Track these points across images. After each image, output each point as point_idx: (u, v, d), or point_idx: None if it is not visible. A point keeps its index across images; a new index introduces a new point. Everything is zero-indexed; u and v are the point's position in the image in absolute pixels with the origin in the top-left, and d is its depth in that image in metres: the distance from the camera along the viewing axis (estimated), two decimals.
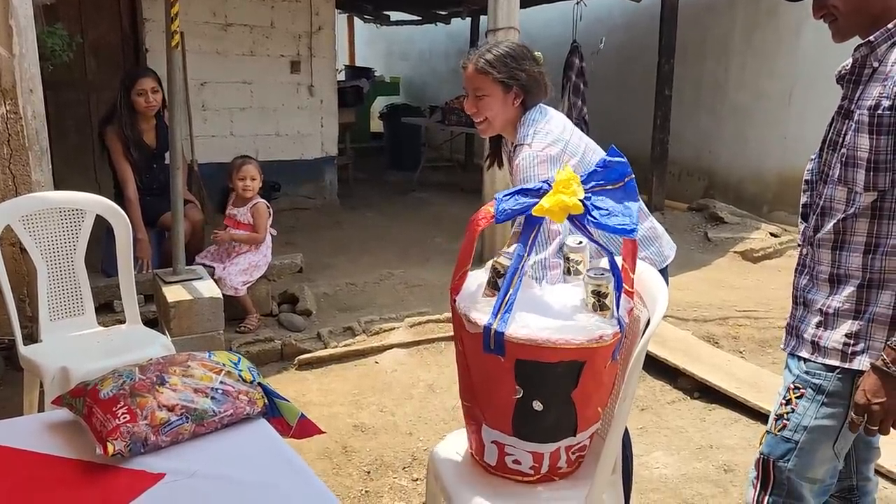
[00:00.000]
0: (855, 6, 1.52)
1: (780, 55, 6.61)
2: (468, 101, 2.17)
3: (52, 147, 4.66)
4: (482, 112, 2.14)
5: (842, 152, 1.54)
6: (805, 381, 1.62)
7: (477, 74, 2.10)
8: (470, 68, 2.12)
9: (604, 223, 1.65)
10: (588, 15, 7.22)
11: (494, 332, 1.62)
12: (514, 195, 1.68)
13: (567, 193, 1.61)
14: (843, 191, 1.54)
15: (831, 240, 1.58)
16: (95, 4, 5.86)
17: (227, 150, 6.41)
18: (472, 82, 2.13)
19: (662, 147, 6.96)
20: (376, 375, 3.62)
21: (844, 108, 1.57)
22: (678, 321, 4.29)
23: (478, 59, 2.10)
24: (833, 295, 1.58)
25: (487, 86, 2.10)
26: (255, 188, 3.98)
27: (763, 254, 5.77)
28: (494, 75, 2.08)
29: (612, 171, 1.69)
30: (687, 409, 3.37)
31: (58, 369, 2.41)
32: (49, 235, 2.70)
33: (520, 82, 2.11)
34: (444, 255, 5.56)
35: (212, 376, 1.47)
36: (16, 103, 3.25)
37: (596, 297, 1.69)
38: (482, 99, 2.12)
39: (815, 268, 1.62)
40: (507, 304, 1.62)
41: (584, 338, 1.62)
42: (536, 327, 1.62)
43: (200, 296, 3.17)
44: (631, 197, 1.71)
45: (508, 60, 2.09)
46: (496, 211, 1.68)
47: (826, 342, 1.58)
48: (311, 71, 6.87)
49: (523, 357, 1.64)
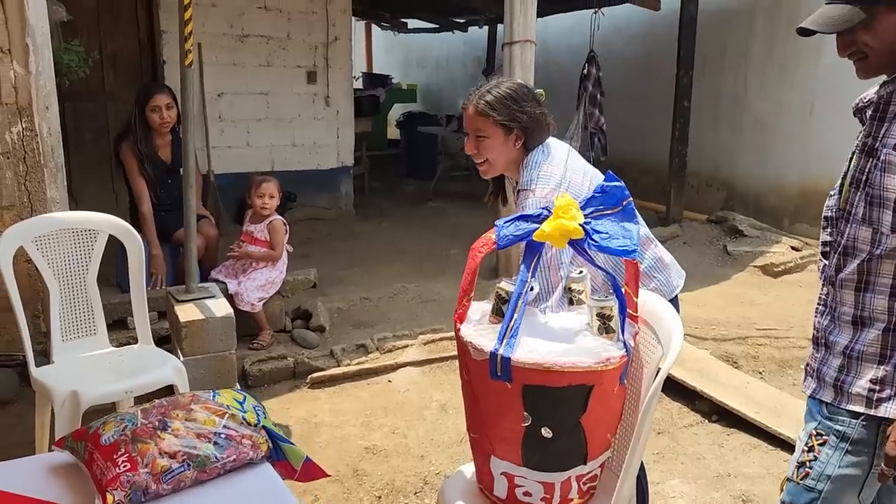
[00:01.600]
0: (889, 45, 1.44)
1: (800, 66, 6.51)
2: (469, 141, 2.12)
3: (70, 158, 4.68)
4: (483, 154, 2.10)
5: (867, 191, 1.48)
6: (828, 428, 1.56)
7: (477, 116, 2.05)
8: (470, 109, 2.08)
9: (605, 246, 1.65)
10: (606, 24, 7.15)
11: (501, 357, 1.61)
12: (515, 221, 1.70)
13: (567, 218, 1.61)
14: (867, 231, 1.49)
15: (854, 280, 1.52)
16: (113, 16, 5.90)
17: (244, 161, 6.45)
18: (472, 123, 2.08)
19: (681, 158, 6.88)
20: (389, 395, 3.59)
21: (868, 146, 1.50)
22: (696, 340, 4.22)
23: (478, 101, 2.05)
24: (857, 338, 1.52)
25: (488, 128, 2.06)
26: (273, 206, 3.98)
27: (784, 268, 5.68)
28: (495, 117, 2.04)
29: (609, 196, 1.71)
30: (705, 434, 3.30)
31: (68, 393, 2.40)
32: (62, 256, 2.70)
33: (521, 124, 2.06)
34: (458, 267, 5.51)
35: (215, 420, 1.44)
36: (32, 121, 3.26)
37: (601, 319, 1.68)
38: (483, 141, 2.08)
39: (837, 308, 1.57)
40: (513, 329, 1.62)
41: (591, 360, 1.61)
42: (543, 351, 1.61)
43: (213, 315, 3.15)
44: (630, 219, 1.72)
45: (509, 102, 2.05)
46: (497, 237, 1.69)
47: (850, 387, 1.52)
48: (327, 81, 6.87)
49: (531, 382, 1.62)
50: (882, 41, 1.44)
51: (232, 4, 6.26)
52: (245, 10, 6.35)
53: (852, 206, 1.53)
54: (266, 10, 6.45)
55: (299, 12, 6.61)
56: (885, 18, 1.42)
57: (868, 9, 1.42)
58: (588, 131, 6.84)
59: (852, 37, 1.47)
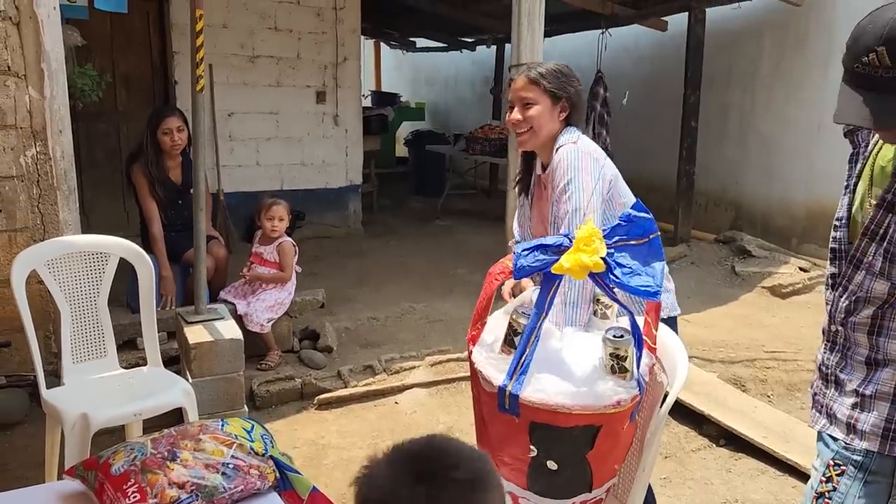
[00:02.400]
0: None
1: (808, 86, 6.53)
2: (514, 112, 2.20)
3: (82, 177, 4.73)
4: (529, 121, 2.18)
5: (887, 248, 1.46)
6: (845, 458, 1.55)
7: (528, 84, 2.17)
8: (520, 80, 2.19)
9: (626, 283, 1.61)
10: (613, 45, 7.22)
11: (509, 393, 1.61)
12: (534, 251, 1.66)
13: (588, 252, 1.57)
14: (885, 284, 1.47)
15: (867, 325, 1.51)
16: (126, 37, 5.98)
17: (254, 179, 6.51)
18: (520, 92, 2.18)
19: (689, 178, 6.89)
20: (396, 417, 3.59)
21: (889, 202, 1.46)
22: (704, 362, 4.21)
23: (529, 71, 2.18)
24: (871, 378, 1.51)
25: (537, 95, 2.16)
26: (282, 229, 4.01)
27: (792, 289, 5.66)
28: (545, 85, 2.16)
29: (636, 226, 1.67)
30: (712, 458, 3.29)
31: (78, 416, 2.42)
32: (73, 279, 2.73)
33: (569, 96, 2.19)
34: (466, 286, 5.54)
35: (223, 450, 1.46)
36: (45, 144, 3.31)
37: (614, 359, 1.66)
38: (530, 108, 2.17)
39: (849, 348, 1.55)
40: (523, 366, 1.61)
41: (600, 404, 1.59)
42: (552, 391, 1.60)
43: (221, 337, 3.17)
44: (656, 255, 1.67)
45: (559, 75, 2.18)
46: (514, 268, 1.66)
47: (863, 425, 1.51)
48: (336, 101, 6.93)
49: (538, 420, 1.61)
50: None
51: (243, 25, 6.34)
52: (255, 31, 6.42)
53: (864, 256, 1.51)
54: (276, 30, 6.53)
55: (309, 33, 6.69)
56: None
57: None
58: None
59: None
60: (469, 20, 8.56)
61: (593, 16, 7.11)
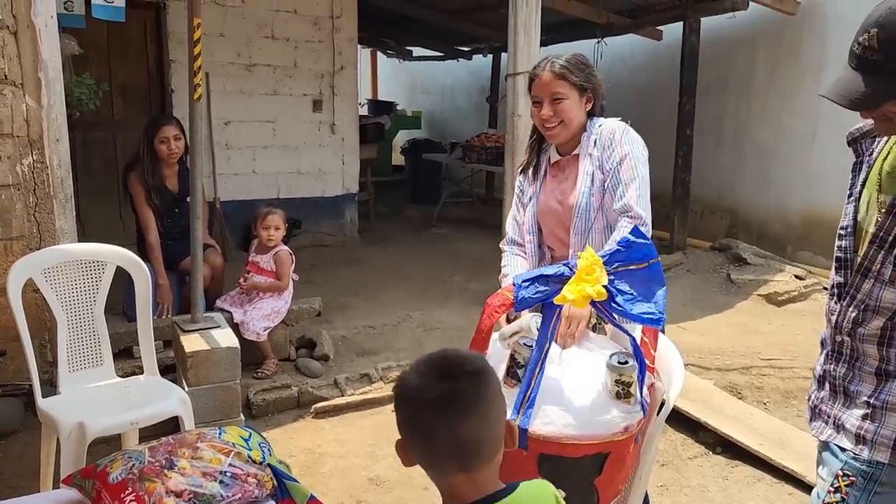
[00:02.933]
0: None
1: (802, 94, 6.56)
2: (543, 108, 2.20)
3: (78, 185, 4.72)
4: (560, 115, 2.19)
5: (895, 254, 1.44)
6: (854, 469, 1.52)
7: (555, 79, 2.17)
8: (546, 75, 2.19)
9: (628, 311, 1.60)
10: (609, 54, 7.25)
11: (517, 428, 1.58)
12: (534, 282, 1.64)
13: (589, 282, 1.56)
14: (894, 293, 1.45)
15: (877, 336, 1.49)
16: (123, 46, 6.00)
17: (250, 187, 6.52)
18: (548, 87, 2.18)
19: (684, 186, 6.92)
20: (393, 425, 3.54)
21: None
22: (700, 370, 4.22)
23: (553, 65, 2.18)
24: (882, 388, 1.49)
25: (566, 89, 2.18)
26: (278, 238, 4.02)
27: (787, 297, 5.67)
28: (573, 79, 2.18)
29: (635, 251, 1.65)
30: (709, 466, 3.29)
31: (74, 425, 2.42)
32: (70, 287, 2.73)
33: (593, 87, 2.23)
34: (462, 294, 5.55)
35: (221, 458, 1.46)
36: (42, 153, 3.31)
37: (619, 385, 1.64)
38: (560, 102, 2.18)
39: (858, 359, 1.53)
40: (530, 399, 1.59)
41: (608, 432, 1.58)
42: (561, 424, 1.58)
43: (218, 345, 3.17)
44: (657, 280, 1.65)
45: (583, 66, 2.22)
46: (515, 300, 1.64)
47: (874, 436, 1.49)
48: (332, 109, 6.95)
49: (547, 452, 1.60)
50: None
51: (240, 34, 6.36)
52: (252, 40, 6.45)
53: (873, 265, 1.49)
54: (273, 39, 6.55)
55: (306, 41, 6.71)
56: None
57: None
58: None
59: (881, 111, 1.39)
60: (466, 29, 8.61)
61: (589, 25, 7.16)
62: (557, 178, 2.34)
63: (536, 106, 2.24)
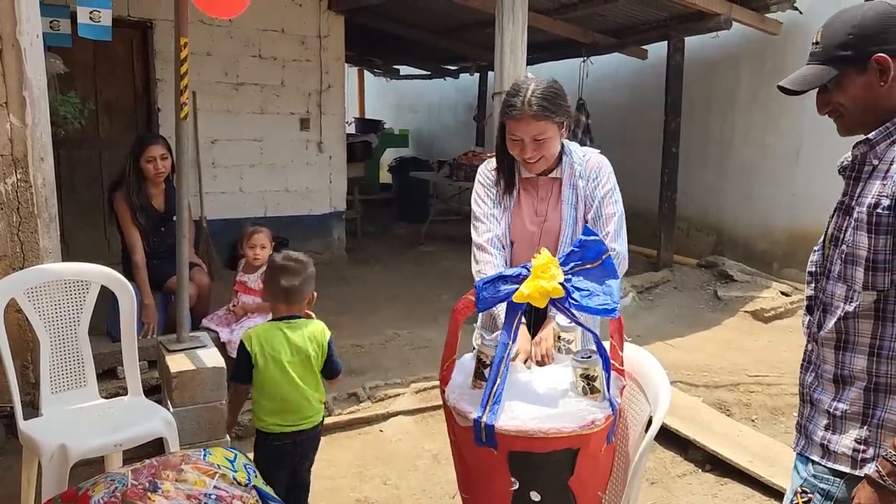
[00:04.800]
0: (862, 105, 1.50)
1: (786, 112, 6.64)
2: (526, 148, 2.16)
3: (63, 204, 4.68)
4: (541, 152, 2.18)
5: (842, 248, 1.51)
6: (812, 486, 1.57)
7: (536, 121, 2.12)
8: (527, 118, 2.12)
9: (585, 305, 1.66)
10: (595, 72, 7.32)
11: (484, 424, 1.61)
12: (494, 282, 1.71)
13: (546, 278, 1.63)
14: (842, 288, 1.52)
15: (834, 339, 1.54)
16: (110, 65, 5.98)
17: (237, 206, 6.49)
18: (531, 129, 2.13)
19: (670, 203, 6.96)
20: (380, 445, 3.56)
21: (845, 204, 1.55)
22: (688, 387, 4.22)
23: (532, 106, 2.12)
24: (839, 396, 1.54)
25: (548, 129, 2.15)
26: (265, 257, 3.98)
27: (774, 313, 5.70)
28: (554, 119, 2.15)
29: (588, 250, 1.73)
30: (698, 484, 3.28)
31: (56, 447, 2.38)
32: (53, 307, 2.70)
33: (567, 116, 2.23)
34: (450, 313, 5.52)
35: (205, 480, 1.43)
36: (27, 172, 3.28)
37: (585, 380, 1.68)
38: (542, 142, 2.16)
39: (820, 366, 1.58)
40: (496, 396, 1.62)
41: (575, 425, 1.60)
42: (526, 417, 1.61)
43: (204, 365, 3.13)
44: (610, 274, 1.73)
45: (559, 101, 2.17)
46: (477, 300, 1.70)
47: (836, 446, 1.53)
48: (320, 128, 6.96)
49: (516, 448, 1.61)
50: (853, 102, 1.51)
51: (227, 53, 6.37)
52: (239, 59, 6.45)
53: (831, 263, 1.56)
54: (260, 58, 6.56)
55: (293, 60, 6.73)
56: (853, 80, 1.50)
57: (838, 69, 1.50)
58: None
59: (828, 96, 1.55)
60: (453, 48, 8.66)
61: (575, 44, 7.23)
62: (531, 196, 2.32)
63: (516, 143, 2.18)
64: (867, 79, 1.48)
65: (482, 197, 2.37)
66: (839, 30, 1.51)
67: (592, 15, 6.58)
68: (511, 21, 4.52)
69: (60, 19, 4.03)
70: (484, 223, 2.33)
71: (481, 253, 2.29)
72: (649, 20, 6.75)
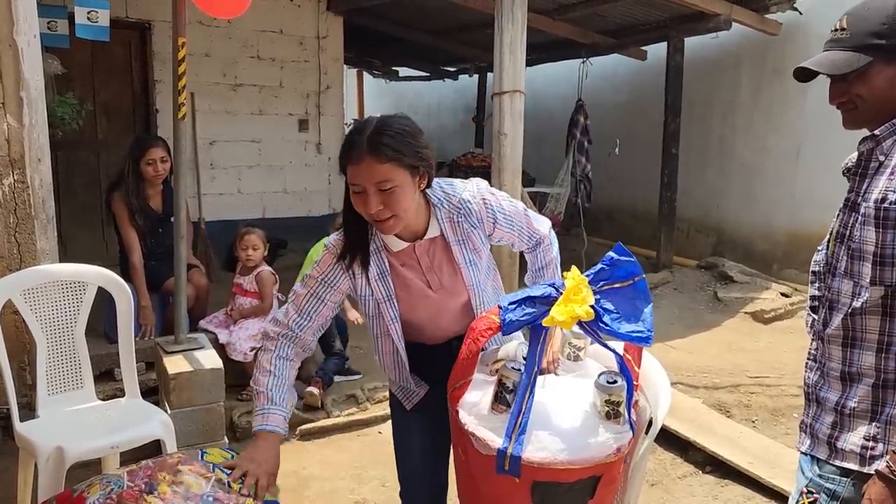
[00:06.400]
0: (882, 97, 1.47)
1: (786, 113, 6.63)
2: (370, 199, 1.65)
3: (61, 206, 4.66)
4: (392, 207, 1.67)
5: (848, 245, 1.50)
6: (818, 486, 1.55)
7: (378, 164, 1.63)
8: (367, 160, 1.63)
9: (615, 330, 1.57)
10: (594, 73, 7.30)
11: (510, 455, 1.54)
12: (521, 304, 1.60)
13: (577, 301, 1.53)
14: (849, 284, 1.50)
15: (841, 336, 1.52)
16: (108, 66, 5.97)
17: (235, 207, 6.48)
18: (373, 174, 1.64)
19: (670, 204, 6.95)
20: (379, 446, 3.54)
21: (851, 201, 1.53)
22: (688, 388, 4.20)
23: (373, 144, 1.64)
24: (847, 394, 1.52)
25: (395, 175, 1.65)
26: (257, 258, 3.97)
27: (774, 315, 5.68)
28: (403, 161, 1.66)
29: (619, 269, 1.63)
30: (699, 485, 3.27)
31: (52, 449, 2.36)
32: (50, 308, 2.68)
33: (426, 161, 1.73)
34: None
35: (202, 483, 1.42)
36: (24, 173, 3.26)
37: (609, 405, 1.62)
38: (391, 192, 1.65)
39: (826, 364, 1.57)
40: (521, 426, 1.55)
41: (602, 455, 1.56)
42: (554, 450, 1.54)
43: (201, 367, 3.12)
44: (643, 298, 1.63)
45: (408, 139, 1.69)
46: (502, 323, 1.59)
47: (843, 444, 1.51)
48: (318, 129, 6.95)
49: (539, 478, 1.56)
50: (873, 93, 1.48)
51: (225, 54, 6.36)
52: (238, 60, 6.44)
53: (837, 261, 1.55)
54: (259, 59, 6.55)
55: (292, 61, 6.72)
56: (880, 71, 1.46)
57: (867, 57, 1.46)
58: (576, 178, 6.93)
59: (847, 85, 1.50)
60: (452, 49, 8.65)
61: (574, 45, 7.22)
62: (414, 269, 1.84)
63: (358, 196, 1.68)
64: (894, 71, 1.45)
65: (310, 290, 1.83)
66: (871, 18, 1.46)
67: (592, 15, 6.57)
68: (510, 21, 4.50)
69: (58, 20, 4.02)
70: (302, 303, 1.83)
71: (268, 342, 1.84)
72: (649, 20, 6.74)
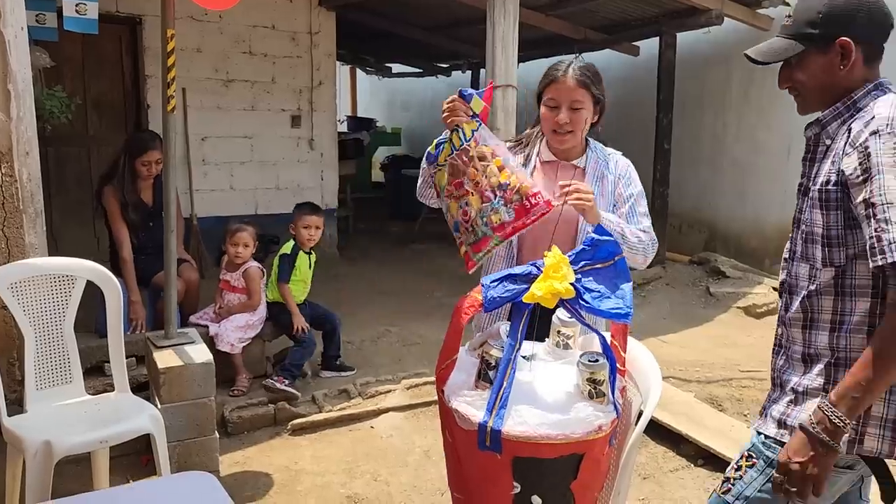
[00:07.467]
0: (819, 84, 1.54)
1: (777, 109, 6.63)
2: (561, 112, 2.13)
3: (52, 201, 4.62)
4: (574, 123, 2.14)
5: (802, 228, 1.55)
6: (759, 452, 1.60)
7: (579, 87, 2.12)
8: (570, 81, 2.12)
9: (596, 307, 1.61)
10: None
11: (490, 429, 1.56)
12: (503, 281, 1.64)
13: (558, 278, 1.57)
14: (805, 267, 1.55)
15: (801, 319, 1.56)
16: (98, 60, 5.93)
17: (227, 203, 6.45)
18: (571, 94, 2.12)
19: (662, 199, 6.95)
20: (371, 441, 3.53)
21: (803, 186, 1.59)
22: (681, 382, 4.21)
23: (577, 72, 2.12)
24: (805, 374, 1.55)
25: (586, 99, 2.14)
26: (246, 255, 3.96)
27: (766, 309, 5.70)
28: (594, 90, 2.14)
29: (600, 249, 1.68)
30: (690, 478, 3.27)
31: (40, 444, 2.35)
32: (38, 302, 2.66)
33: (604, 101, 2.20)
34: (442, 309, 5.50)
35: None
36: (11, 166, 3.23)
37: (591, 384, 1.64)
38: (578, 112, 2.13)
39: (789, 348, 1.60)
40: (502, 400, 1.56)
41: (582, 431, 1.57)
42: (534, 423, 1.56)
43: (192, 361, 3.10)
44: (623, 277, 1.68)
45: (599, 78, 2.18)
46: (484, 300, 1.63)
47: (793, 420, 1.54)
48: (311, 125, 6.92)
49: (521, 454, 1.57)
50: (811, 80, 1.55)
51: (217, 49, 6.33)
52: (230, 55, 6.41)
53: (795, 245, 1.59)
54: (251, 54, 6.52)
55: (284, 57, 6.69)
56: (813, 58, 1.53)
57: (800, 45, 1.53)
58: None
59: (790, 72, 1.59)
60: (444, 45, 8.63)
61: (566, 41, 7.21)
62: (550, 180, 2.20)
63: (552, 110, 2.16)
64: (828, 59, 1.51)
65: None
66: (811, 7, 1.53)
67: (584, 11, 6.57)
68: (503, 16, 4.50)
69: (46, 13, 3.97)
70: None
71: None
72: (641, 16, 6.74)
